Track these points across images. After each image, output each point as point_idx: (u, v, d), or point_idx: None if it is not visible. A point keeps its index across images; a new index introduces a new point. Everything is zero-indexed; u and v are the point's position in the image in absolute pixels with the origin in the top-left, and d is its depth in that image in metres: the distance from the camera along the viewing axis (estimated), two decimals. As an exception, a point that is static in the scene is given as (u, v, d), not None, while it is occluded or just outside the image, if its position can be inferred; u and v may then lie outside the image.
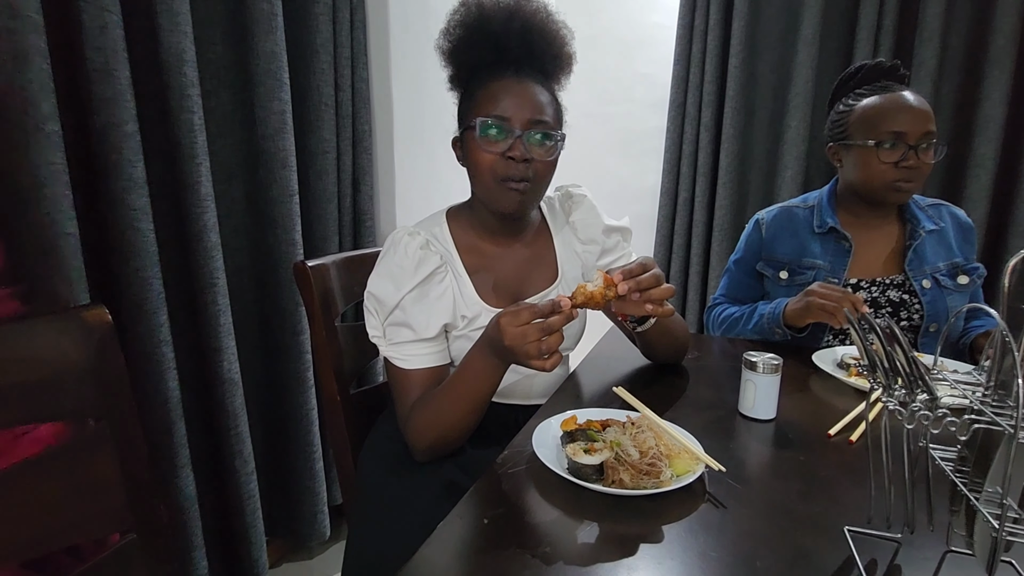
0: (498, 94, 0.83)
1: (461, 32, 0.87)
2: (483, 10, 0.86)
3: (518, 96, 0.83)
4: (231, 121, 1.26)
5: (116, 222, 0.99)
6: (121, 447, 0.54)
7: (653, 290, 0.73)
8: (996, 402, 0.44)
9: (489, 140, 0.83)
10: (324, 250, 1.48)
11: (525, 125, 0.82)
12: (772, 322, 1.13)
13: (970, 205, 1.69)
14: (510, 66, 0.85)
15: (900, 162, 1.08)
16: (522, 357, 0.69)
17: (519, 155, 0.82)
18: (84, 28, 0.91)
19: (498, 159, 0.83)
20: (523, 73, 0.86)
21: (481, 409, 0.79)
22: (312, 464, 1.46)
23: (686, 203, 2.00)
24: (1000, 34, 1.62)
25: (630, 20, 2.26)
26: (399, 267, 0.85)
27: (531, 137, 0.83)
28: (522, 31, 0.85)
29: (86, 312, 0.55)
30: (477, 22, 0.86)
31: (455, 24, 0.88)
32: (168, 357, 1.08)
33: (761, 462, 0.71)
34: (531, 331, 0.67)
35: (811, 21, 1.76)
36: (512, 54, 0.86)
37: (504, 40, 0.85)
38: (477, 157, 0.84)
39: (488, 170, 0.84)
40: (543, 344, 0.67)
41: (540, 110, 0.84)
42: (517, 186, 0.83)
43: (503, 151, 0.82)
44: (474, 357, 0.77)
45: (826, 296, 1.01)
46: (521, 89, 0.83)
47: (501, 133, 0.82)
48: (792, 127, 1.83)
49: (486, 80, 0.85)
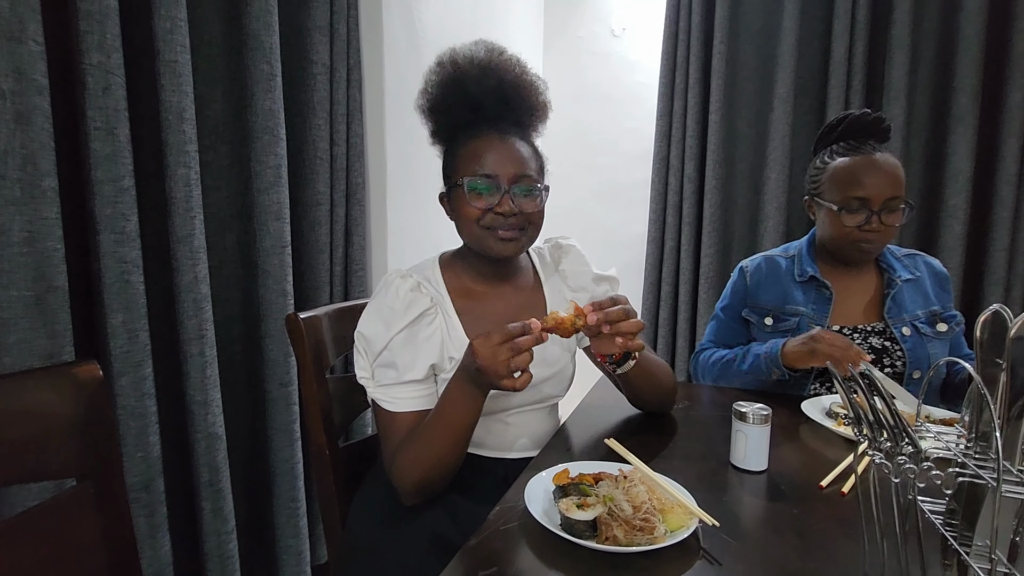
0: (481, 152, 0.86)
1: (438, 92, 0.91)
2: (458, 68, 0.89)
3: (501, 153, 0.86)
4: (227, 174, 1.29)
5: (107, 275, 0.99)
6: (104, 508, 0.52)
7: (622, 323, 0.76)
8: (979, 454, 0.45)
9: (477, 196, 0.85)
10: (315, 300, 1.48)
11: (510, 180, 0.85)
12: (770, 362, 1.13)
13: (946, 254, 1.75)
14: (489, 123, 0.88)
15: (863, 226, 1.12)
16: (493, 376, 0.71)
17: (508, 210, 0.85)
18: (88, 89, 0.94)
19: (486, 214, 0.85)
20: (503, 129, 0.88)
21: (464, 441, 0.79)
22: (296, 520, 1.41)
23: (672, 251, 2.04)
24: (962, 93, 1.72)
25: (615, 79, 2.38)
26: (389, 308, 0.86)
27: (517, 191, 0.86)
28: (497, 88, 0.88)
29: (77, 368, 0.55)
30: (453, 81, 0.89)
31: (433, 84, 0.91)
32: (151, 410, 1.06)
33: (755, 516, 0.70)
34: (501, 351, 0.70)
35: (785, 80, 1.86)
36: (490, 111, 0.89)
37: (481, 98, 0.88)
38: (466, 212, 0.86)
39: (475, 222, 0.86)
40: (512, 363, 0.70)
41: (523, 165, 0.86)
42: (507, 234, 0.86)
43: (491, 206, 0.85)
44: (452, 387, 0.78)
45: (832, 344, 1.03)
46: (504, 146, 0.86)
47: (488, 189, 0.85)
48: (772, 179, 1.90)
49: (468, 138, 0.88)
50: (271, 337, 1.34)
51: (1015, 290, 1.74)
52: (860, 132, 1.19)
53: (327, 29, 1.42)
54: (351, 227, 1.57)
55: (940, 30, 1.78)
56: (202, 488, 1.18)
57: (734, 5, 1.90)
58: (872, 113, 1.19)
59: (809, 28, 1.86)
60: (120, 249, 1.00)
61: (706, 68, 1.95)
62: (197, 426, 1.15)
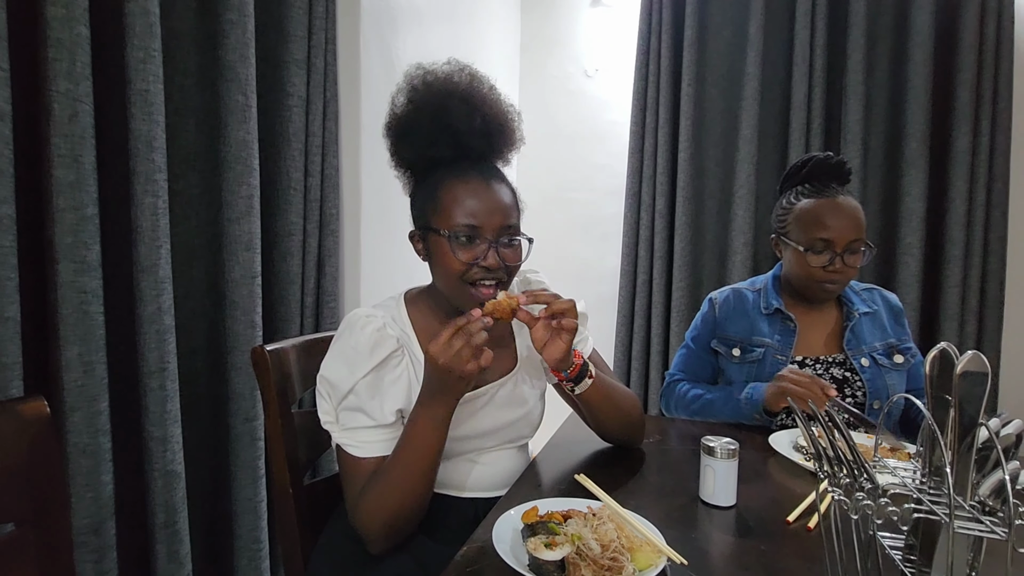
0: (467, 200, 0.81)
1: (416, 117, 0.85)
2: (436, 94, 0.83)
3: (487, 202, 0.81)
4: (197, 204, 1.27)
5: (63, 306, 0.96)
6: (44, 556, 0.49)
7: (555, 304, 0.80)
8: (933, 489, 0.46)
9: (461, 248, 0.81)
10: (285, 332, 1.45)
11: (496, 233, 0.81)
12: (752, 408, 1.16)
13: (904, 290, 1.82)
14: (472, 163, 0.84)
15: (827, 266, 1.17)
16: (459, 368, 0.71)
17: (493, 264, 0.81)
18: (53, 116, 0.93)
19: (471, 268, 0.82)
20: (486, 172, 0.84)
21: (432, 471, 0.77)
22: (258, 563, 1.35)
23: (644, 284, 2.08)
24: (912, 138, 1.82)
25: (587, 118, 2.45)
26: (353, 350, 0.82)
27: (501, 243, 0.83)
28: (483, 127, 0.84)
29: (22, 404, 0.52)
30: (436, 110, 0.83)
31: (405, 108, 0.85)
32: (105, 447, 1.01)
33: (723, 553, 0.70)
34: (456, 341, 0.72)
35: (749, 122, 1.94)
36: (475, 151, 0.85)
37: (467, 137, 0.84)
38: (448, 263, 0.82)
39: (457, 275, 0.82)
40: (470, 347, 0.72)
41: (508, 214, 0.83)
42: (487, 291, 0.82)
43: (475, 260, 0.81)
44: (417, 412, 0.77)
45: (796, 382, 1.06)
46: (489, 194, 0.82)
47: (471, 242, 0.81)
48: (739, 215, 1.96)
49: (451, 180, 0.83)
50: (238, 370, 1.30)
51: (969, 325, 1.82)
52: (824, 174, 1.23)
53: (304, 63, 1.44)
54: (324, 258, 1.55)
55: (891, 80, 1.89)
56: (157, 530, 1.12)
57: (700, 50, 2.00)
58: (835, 156, 1.25)
59: (771, 74, 1.96)
60: (80, 279, 0.97)
61: (675, 109, 2.03)
62: (155, 463, 1.10)
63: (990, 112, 1.78)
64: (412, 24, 1.78)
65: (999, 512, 0.42)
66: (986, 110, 1.78)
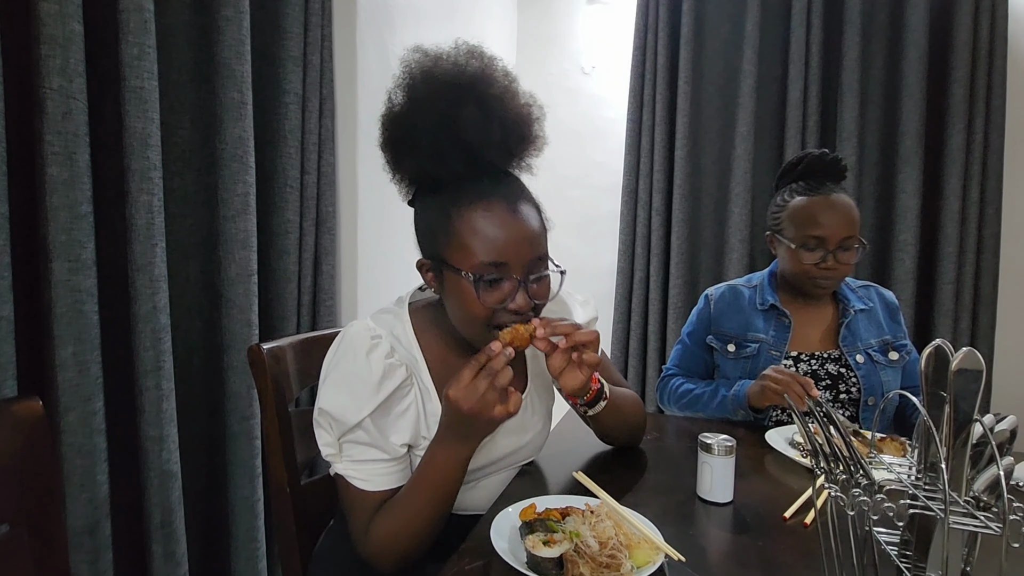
0: (487, 231, 0.69)
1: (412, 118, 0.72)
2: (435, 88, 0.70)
3: (514, 232, 0.70)
4: (193, 202, 1.26)
5: (58, 305, 0.95)
6: (39, 557, 0.49)
7: (576, 334, 0.71)
8: (928, 485, 0.47)
9: (487, 291, 0.70)
10: (282, 330, 1.45)
11: (524, 270, 0.71)
12: (736, 404, 1.17)
13: (899, 287, 1.83)
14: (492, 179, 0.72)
15: (820, 263, 1.17)
16: (485, 414, 0.65)
17: (523, 306, 0.71)
18: (46, 114, 0.92)
19: (497, 312, 0.72)
20: (509, 192, 0.72)
21: (450, 504, 0.74)
22: (255, 563, 1.34)
23: (641, 282, 2.08)
24: (907, 136, 1.83)
25: (584, 115, 2.44)
26: (360, 379, 0.72)
27: (532, 278, 0.73)
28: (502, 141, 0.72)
29: (16, 404, 0.52)
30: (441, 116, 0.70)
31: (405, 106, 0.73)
32: (100, 447, 1.00)
33: (721, 549, 0.70)
34: (480, 383, 0.65)
35: (745, 120, 1.94)
36: (493, 166, 0.73)
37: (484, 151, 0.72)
38: (468, 308, 0.71)
39: (482, 321, 0.72)
40: (495, 391, 0.65)
41: (538, 243, 0.72)
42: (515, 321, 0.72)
43: (501, 302, 0.71)
44: (436, 452, 0.72)
45: (778, 380, 1.06)
46: (516, 222, 0.70)
47: (497, 282, 0.71)
48: (735, 212, 1.97)
49: (467, 203, 0.70)
50: (234, 369, 1.30)
51: (963, 321, 1.83)
52: (819, 172, 1.24)
53: (301, 60, 1.43)
54: (320, 256, 1.55)
55: (886, 77, 1.90)
56: (153, 530, 1.11)
57: (697, 48, 2.00)
58: (830, 154, 1.25)
59: (767, 71, 1.96)
60: (74, 277, 0.96)
61: (671, 106, 2.03)
62: (150, 464, 1.10)
63: (984, 109, 1.79)
64: (409, 20, 1.77)
65: (993, 507, 0.43)
66: (980, 107, 1.79)
